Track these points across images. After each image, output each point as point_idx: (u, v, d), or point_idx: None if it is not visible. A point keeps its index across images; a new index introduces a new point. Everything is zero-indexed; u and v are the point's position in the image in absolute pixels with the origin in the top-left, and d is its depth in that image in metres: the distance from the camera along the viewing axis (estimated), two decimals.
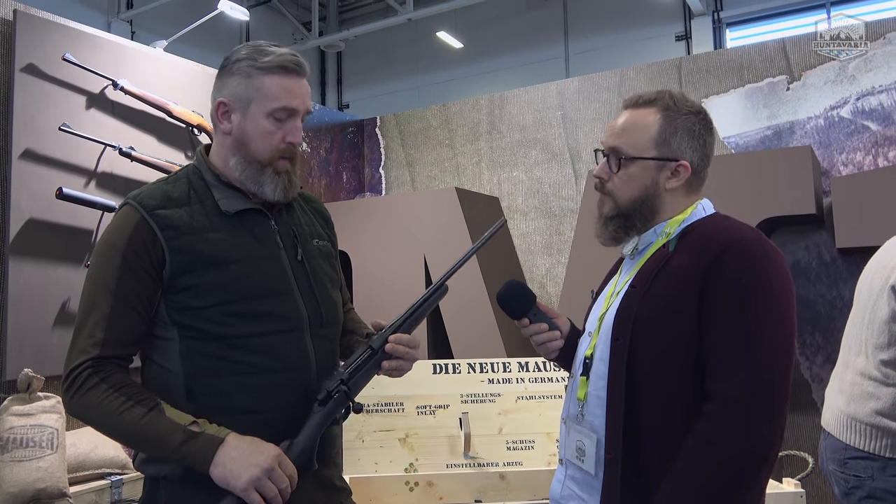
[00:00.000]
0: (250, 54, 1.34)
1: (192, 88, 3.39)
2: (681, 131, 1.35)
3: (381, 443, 2.32)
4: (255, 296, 1.31)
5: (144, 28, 9.36)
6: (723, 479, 1.18)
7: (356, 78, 12.70)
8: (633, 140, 1.36)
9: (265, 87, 1.32)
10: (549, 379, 2.49)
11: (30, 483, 2.41)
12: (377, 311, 3.76)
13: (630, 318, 1.30)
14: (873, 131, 3.22)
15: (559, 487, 1.45)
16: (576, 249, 3.31)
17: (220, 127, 1.37)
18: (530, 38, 11.13)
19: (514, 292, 1.50)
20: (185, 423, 1.22)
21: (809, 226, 3.23)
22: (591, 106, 3.93)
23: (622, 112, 1.42)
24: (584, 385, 1.37)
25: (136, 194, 1.34)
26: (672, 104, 1.36)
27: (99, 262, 1.30)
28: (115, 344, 1.27)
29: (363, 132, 4.68)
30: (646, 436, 1.27)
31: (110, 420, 1.23)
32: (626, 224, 1.37)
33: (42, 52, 2.79)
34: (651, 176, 1.35)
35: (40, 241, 2.75)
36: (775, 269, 1.25)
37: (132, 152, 3.00)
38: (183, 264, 1.28)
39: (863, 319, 1.95)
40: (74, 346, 1.27)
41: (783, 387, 1.20)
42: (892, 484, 1.81)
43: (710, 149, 1.40)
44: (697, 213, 1.38)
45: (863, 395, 1.89)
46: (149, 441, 1.23)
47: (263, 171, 1.35)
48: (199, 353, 1.29)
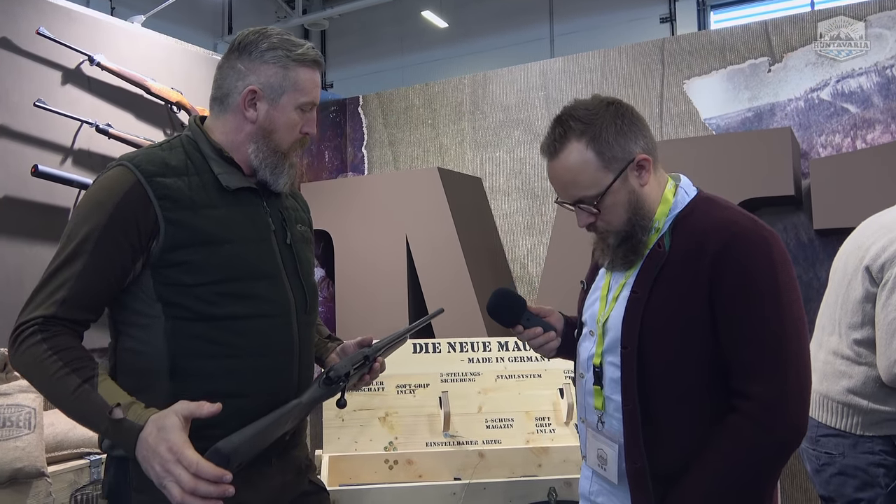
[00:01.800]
0: (282, 44, 1.34)
1: (171, 65, 3.34)
2: (612, 139, 1.30)
3: (361, 421, 2.32)
4: (246, 277, 1.29)
5: (124, 3, 9.20)
6: (757, 471, 1.22)
7: (341, 57, 12.59)
8: (586, 182, 1.31)
9: (300, 80, 1.34)
10: (529, 358, 2.50)
11: (7, 463, 2.39)
12: (358, 291, 3.76)
13: (636, 325, 1.29)
14: (852, 114, 3.24)
15: (588, 484, 1.46)
16: (557, 230, 3.32)
17: (245, 114, 1.34)
18: (515, 18, 11.09)
19: (504, 301, 1.49)
20: (112, 404, 1.14)
21: (788, 207, 3.25)
22: (574, 86, 3.92)
23: (550, 164, 1.35)
24: (600, 394, 1.36)
25: (132, 156, 1.29)
26: (582, 126, 1.30)
27: (81, 219, 1.24)
28: (75, 306, 1.21)
29: (346, 111, 4.65)
30: (667, 438, 1.28)
31: (44, 383, 1.19)
32: (633, 244, 1.34)
33: (16, 26, 2.74)
34: (625, 190, 1.32)
35: (16, 219, 2.71)
36: (778, 257, 1.25)
37: (109, 129, 2.96)
38: (178, 238, 1.24)
39: (836, 300, 1.98)
40: (32, 300, 1.22)
41: (807, 375, 1.24)
42: (863, 461, 1.84)
43: (642, 125, 1.34)
44: (681, 198, 1.35)
45: (835, 374, 1.92)
46: (77, 417, 1.19)
47: (281, 162, 1.36)
48: (186, 333, 1.25)
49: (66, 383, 1.16)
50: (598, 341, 1.37)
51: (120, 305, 1.29)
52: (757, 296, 1.22)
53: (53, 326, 1.20)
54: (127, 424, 1.13)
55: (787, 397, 1.21)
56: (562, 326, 1.52)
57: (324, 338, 1.60)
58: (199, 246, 1.25)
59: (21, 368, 1.21)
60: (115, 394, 1.17)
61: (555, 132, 1.33)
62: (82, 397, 1.16)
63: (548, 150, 1.35)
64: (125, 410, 1.14)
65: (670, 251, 1.30)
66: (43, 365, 1.17)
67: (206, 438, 1.13)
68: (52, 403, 1.21)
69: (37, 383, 1.20)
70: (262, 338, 1.30)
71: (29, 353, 1.19)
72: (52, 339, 1.19)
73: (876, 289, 1.83)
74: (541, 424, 2.41)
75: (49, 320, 1.20)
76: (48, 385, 1.18)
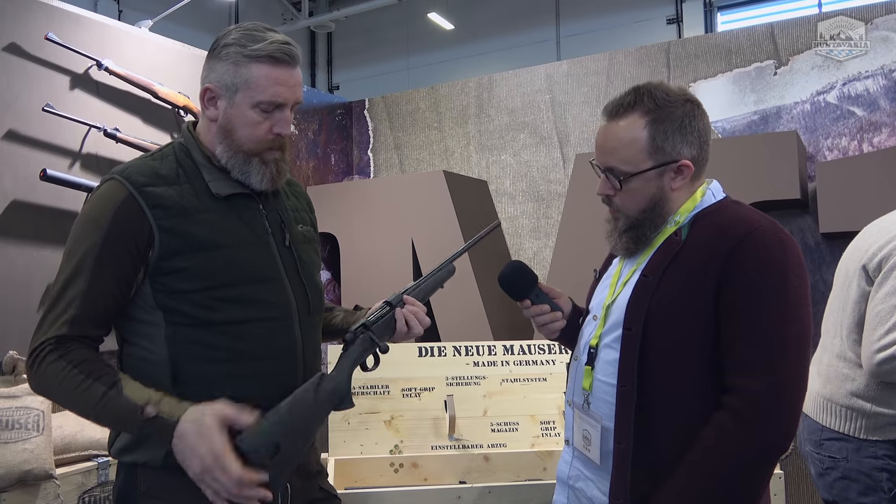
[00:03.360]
0: (239, 39, 1.28)
1: (179, 69, 3.36)
2: (671, 132, 1.30)
3: (367, 425, 2.33)
4: (244, 281, 1.29)
5: (132, 6, 9.25)
6: (741, 472, 1.20)
7: (347, 59, 12.62)
8: (626, 156, 1.31)
9: (252, 77, 1.27)
10: (534, 362, 2.50)
11: (16, 465, 2.41)
12: (364, 294, 3.77)
13: (643, 307, 1.28)
14: (859, 117, 3.23)
15: (566, 468, 1.46)
16: (563, 233, 3.32)
17: (206, 113, 1.33)
18: (521, 20, 11.09)
19: (516, 273, 1.50)
20: (142, 403, 1.18)
21: (794, 210, 3.24)
22: (579, 89, 3.92)
23: (604, 123, 1.36)
24: (589, 375, 1.37)
25: (122, 169, 1.29)
26: (653, 106, 1.30)
27: (79, 238, 1.26)
28: (86, 323, 1.23)
29: (351, 114, 4.66)
30: (657, 426, 1.27)
31: (69, 398, 1.21)
32: (637, 234, 1.34)
33: (25, 31, 2.76)
34: (655, 184, 1.32)
35: (24, 222, 2.73)
36: (792, 261, 1.24)
37: (117, 133, 2.98)
38: (172, 246, 1.25)
39: (839, 303, 1.98)
40: (43, 322, 1.24)
41: (802, 382, 1.22)
42: (866, 465, 1.83)
43: (706, 134, 1.35)
44: (707, 198, 1.35)
45: (839, 377, 1.91)
46: (109, 422, 1.23)
47: (249, 160, 1.32)
48: (186, 339, 1.26)
49: (91, 393, 1.19)
50: (599, 324, 1.38)
51: (123, 314, 1.30)
52: (763, 294, 1.21)
53: (67, 344, 1.22)
54: (161, 421, 1.17)
55: (777, 397, 1.19)
56: (569, 310, 1.52)
57: (349, 310, 1.59)
58: (194, 252, 1.26)
59: (43, 389, 1.23)
60: (143, 392, 1.20)
61: (626, 98, 1.33)
62: (111, 403, 1.18)
63: (611, 110, 1.35)
64: (157, 406, 1.17)
65: (686, 241, 1.30)
66: (65, 380, 1.19)
67: None
68: (80, 415, 1.24)
69: (63, 399, 1.22)
70: (262, 341, 1.30)
71: (49, 372, 1.20)
72: (69, 354, 1.21)
73: (871, 287, 1.84)
74: (546, 428, 2.41)
75: (62, 339, 1.21)
76: (74, 398, 1.21)
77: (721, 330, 1.24)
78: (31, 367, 1.22)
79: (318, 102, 4.53)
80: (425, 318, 1.45)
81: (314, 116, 4.46)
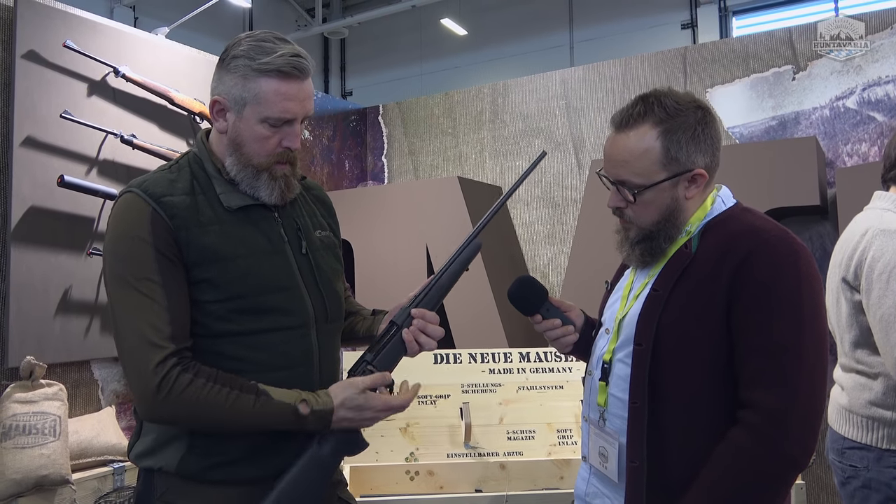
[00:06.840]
0: (248, 52, 1.26)
1: (194, 75, 3.37)
2: (685, 141, 1.27)
3: (382, 432, 2.32)
4: (261, 291, 1.28)
5: (148, 14, 9.34)
6: (759, 487, 1.17)
7: (360, 65, 12.66)
8: (639, 169, 1.28)
9: (261, 92, 1.25)
10: (550, 369, 2.49)
11: (33, 469, 2.42)
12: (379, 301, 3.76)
13: (653, 322, 1.26)
14: (879, 122, 3.19)
15: (584, 485, 1.43)
16: (578, 239, 3.30)
17: (215, 125, 1.32)
18: (535, 25, 11.08)
19: (525, 289, 1.47)
20: (294, 402, 1.23)
21: (813, 217, 3.21)
22: (594, 95, 3.90)
23: (614, 134, 1.33)
24: (604, 391, 1.34)
25: (139, 182, 1.28)
26: (665, 115, 1.27)
27: (128, 258, 1.22)
28: (181, 336, 1.22)
29: (366, 120, 4.67)
30: (671, 442, 1.24)
31: (221, 414, 1.20)
32: (652, 246, 1.31)
33: (43, 39, 2.78)
34: (669, 195, 1.29)
35: (42, 228, 2.75)
36: (804, 270, 1.21)
37: (134, 140, 3.00)
38: (192, 257, 1.24)
39: (834, 320, 1.99)
40: (141, 344, 1.19)
41: (821, 394, 1.18)
42: (887, 475, 1.82)
43: (717, 141, 1.32)
44: (717, 206, 1.33)
45: (856, 387, 1.91)
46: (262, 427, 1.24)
47: (259, 175, 1.30)
48: (206, 350, 1.25)
49: (243, 404, 1.21)
50: (612, 339, 1.35)
51: None
52: (776, 304, 1.18)
53: (185, 360, 1.21)
54: (317, 414, 1.24)
55: (795, 411, 1.15)
56: (581, 323, 1.49)
57: (369, 314, 1.58)
58: (210, 264, 1.25)
59: (183, 410, 1.20)
60: (287, 394, 1.24)
61: (635, 108, 1.29)
62: (265, 409, 1.22)
63: (619, 121, 1.31)
64: (308, 405, 1.24)
65: (696, 253, 1.27)
66: (210, 398, 1.19)
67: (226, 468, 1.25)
68: (228, 428, 1.23)
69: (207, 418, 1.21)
70: (279, 350, 1.30)
71: (190, 392, 1.19)
72: (199, 372, 1.21)
73: (859, 296, 1.85)
74: (563, 436, 2.39)
75: (178, 354, 1.20)
76: (225, 413, 1.20)
77: (734, 343, 1.21)
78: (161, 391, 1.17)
79: (332, 108, 4.54)
80: (437, 331, 1.40)
81: (328, 122, 4.47)
